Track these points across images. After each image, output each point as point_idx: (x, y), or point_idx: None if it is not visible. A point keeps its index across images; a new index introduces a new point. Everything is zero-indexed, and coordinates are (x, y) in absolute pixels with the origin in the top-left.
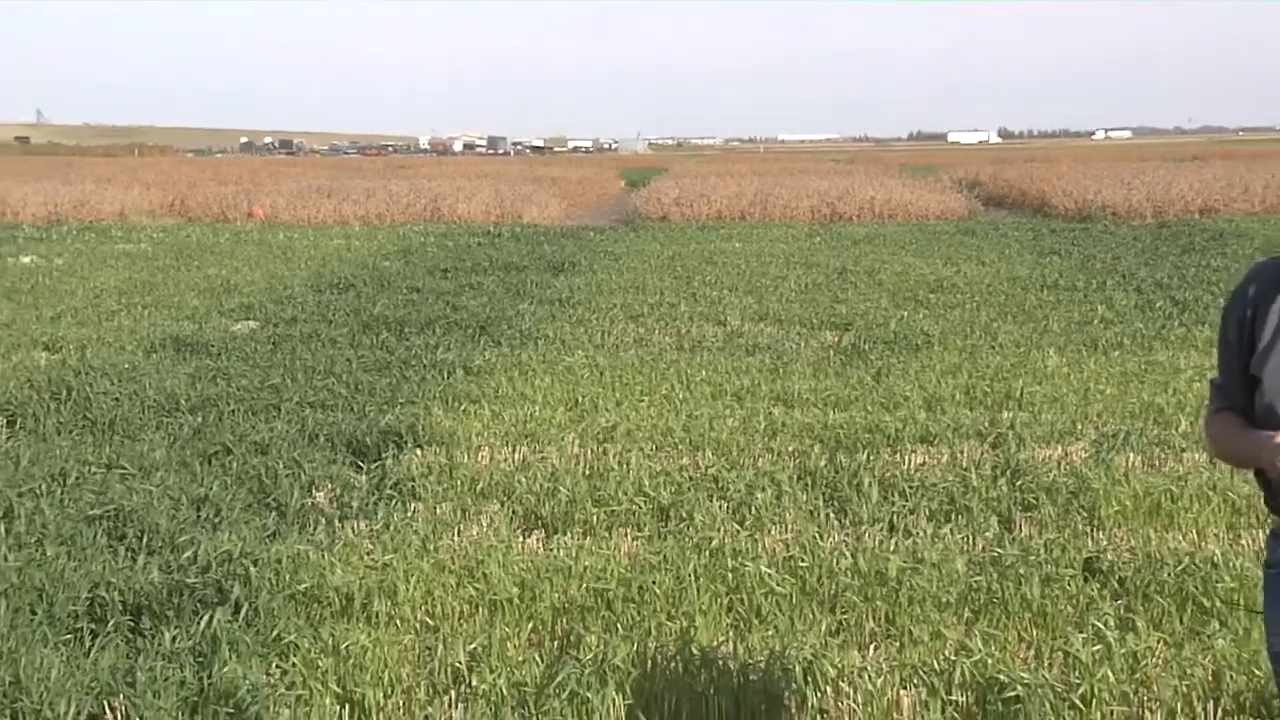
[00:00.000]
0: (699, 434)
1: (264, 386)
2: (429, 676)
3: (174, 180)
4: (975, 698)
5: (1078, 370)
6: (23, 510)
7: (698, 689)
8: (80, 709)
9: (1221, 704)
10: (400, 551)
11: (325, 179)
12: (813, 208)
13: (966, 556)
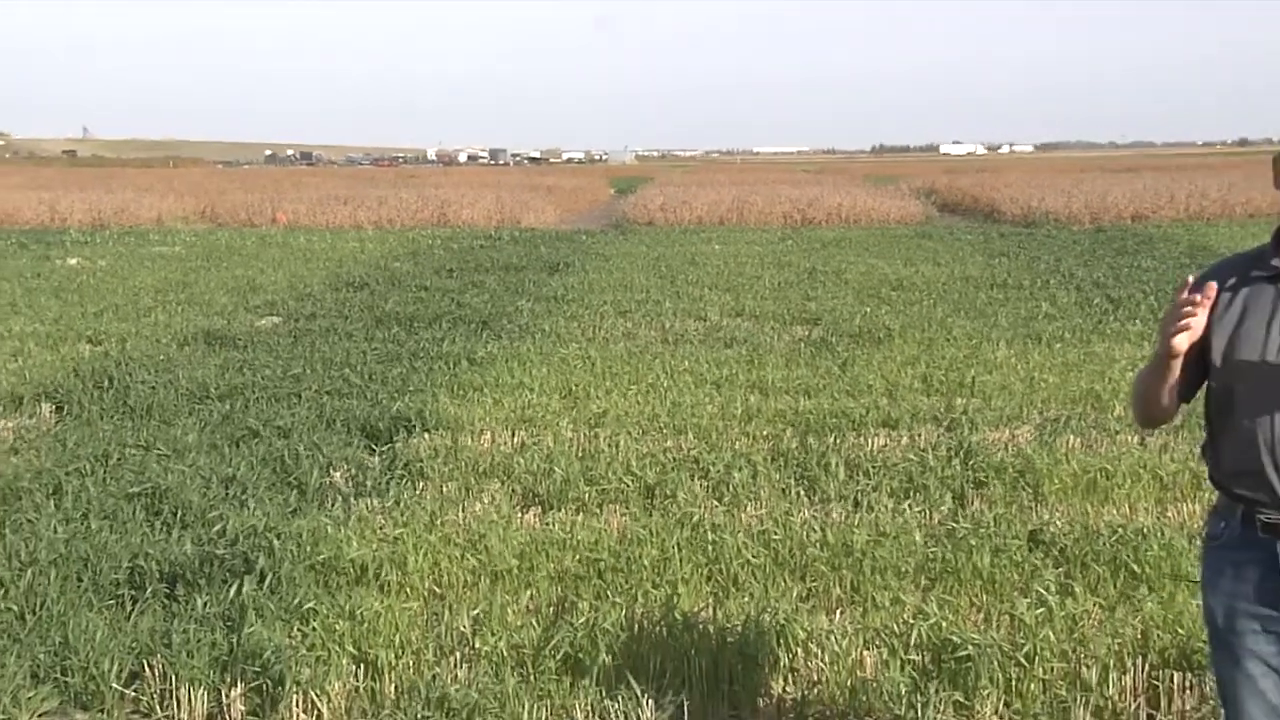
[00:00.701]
0: (682, 419)
1: (286, 376)
2: (436, 639)
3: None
4: (931, 657)
5: (1024, 361)
6: (70, 488)
7: (680, 650)
8: (122, 667)
9: (1149, 659)
10: (409, 526)
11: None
12: (785, 214)
13: (924, 530)
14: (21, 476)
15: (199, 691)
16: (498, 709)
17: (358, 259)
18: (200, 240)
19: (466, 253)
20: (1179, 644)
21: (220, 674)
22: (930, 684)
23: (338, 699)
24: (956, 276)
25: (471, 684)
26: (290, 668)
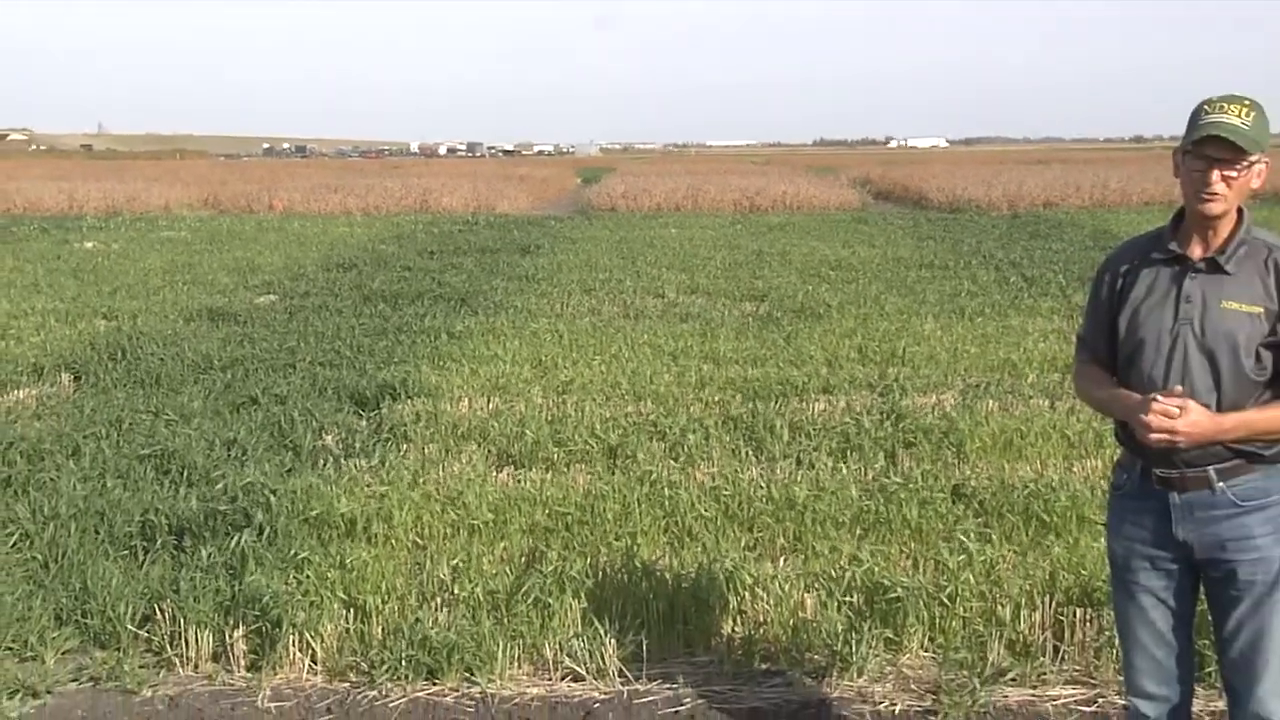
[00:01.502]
0: (641, 387)
1: (282, 349)
2: (419, 586)
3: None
4: (864, 599)
5: (949, 333)
6: (87, 449)
7: (639, 595)
8: (136, 611)
9: (1056, 597)
10: (394, 484)
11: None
12: (735, 201)
13: (859, 485)
14: (44, 439)
15: (205, 633)
16: (474, 648)
17: (347, 242)
18: (204, 225)
19: (446, 236)
20: (1082, 583)
21: (224, 617)
22: (864, 623)
23: (330, 640)
24: (889, 258)
25: (451, 626)
26: (287, 612)
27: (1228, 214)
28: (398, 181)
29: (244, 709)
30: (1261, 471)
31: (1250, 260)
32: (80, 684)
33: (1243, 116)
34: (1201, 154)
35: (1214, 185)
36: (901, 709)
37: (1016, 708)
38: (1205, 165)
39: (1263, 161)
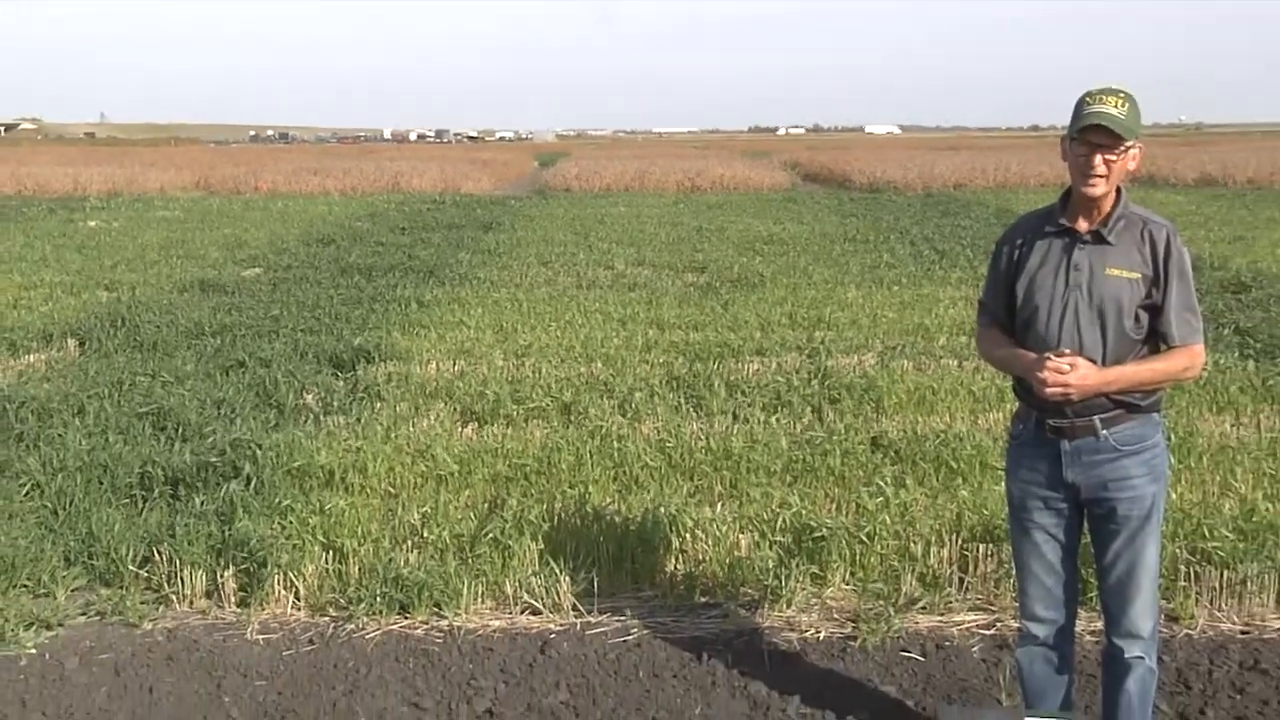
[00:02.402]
0: (593, 350)
1: (267, 317)
2: (392, 530)
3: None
4: (793, 538)
5: (869, 301)
6: (91, 408)
7: (591, 537)
8: (136, 553)
9: (961, 535)
10: (369, 438)
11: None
12: (678, 182)
13: (789, 437)
14: (52, 399)
15: (198, 573)
16: (442, 586)
17: (326, 220)
18: (196, 205)
19: (416, 215)
20: (984, 522)
21: (215, 558)
22: (792, 560)
23: (311, 579)
24: (816, 233)
25: (421, 566)
26: (272, 554)
27: (1109, 193)
28: (372, 165)
29: (234, 641)
30: (1139, 420)
31: (1129, 232)
32: (88, 618)
33: (1119, 107)
34: (1085, 141)
35: (1097, 168)
36: (825, 635)
37: (926, 633)
38: (1089, 150)
39: (1137, 146)
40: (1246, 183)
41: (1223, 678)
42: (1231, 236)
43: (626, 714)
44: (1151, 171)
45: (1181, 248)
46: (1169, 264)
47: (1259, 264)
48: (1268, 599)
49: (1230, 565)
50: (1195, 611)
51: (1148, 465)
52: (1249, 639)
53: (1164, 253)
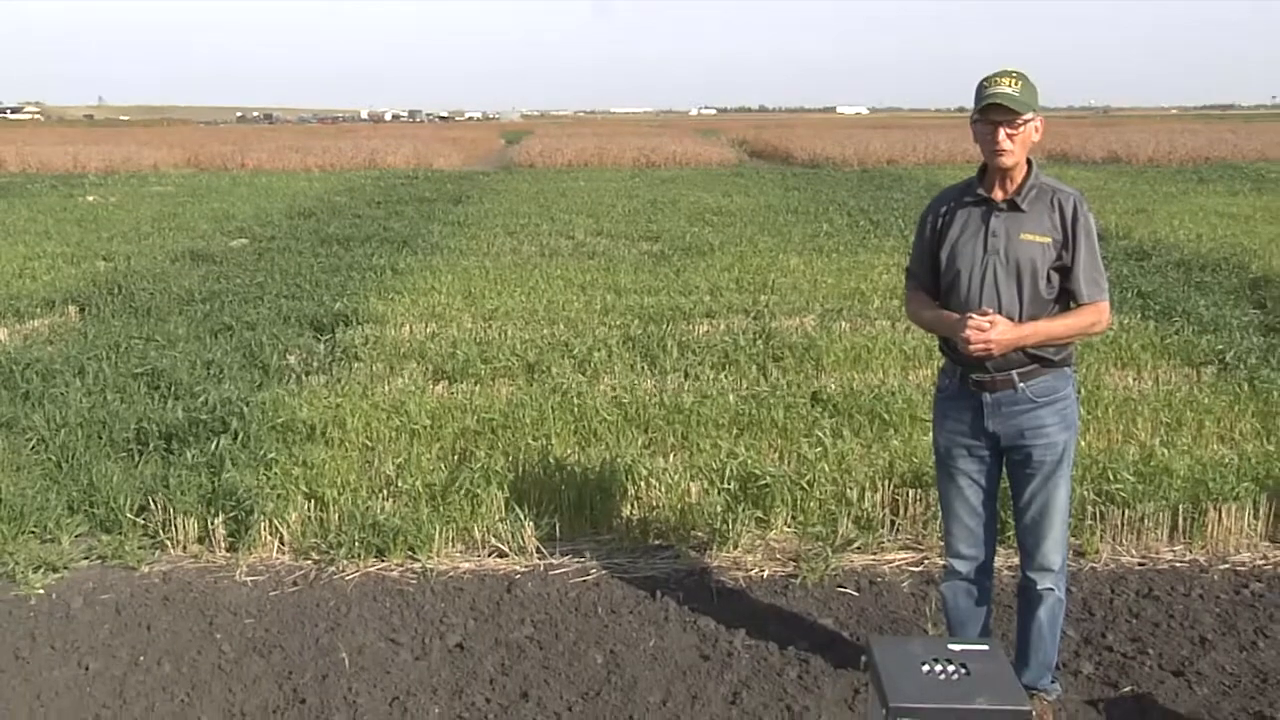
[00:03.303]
0: (555, 313)
1: (252, 284)
2: (369, 480)
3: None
4: (739, 486)
5: (810, 267)
6: (90, 369)
7: (553, 486)
8: (134, 502)
9: (893, 481)
10: (347, 396)
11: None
12: (634, 158)
13: (735, 393)
14: (55, 361)
15: (191, 520)
16: (416, 531)
17: (307, 194)
18: (187, 181)
19: (390, 189)
20: (914, 469)
21: (206, 507)
22: (739, 505)
23: (295, 525)
24: (761, 205)
25: (396, 513)
26: (258, 503)
27: (1019, 164)
28: (349, 143)
29: (225, 582)
30: (1052, 374)
31: (1040, 201)
32: (90, 561)
33: (1013, 85)
34: (988, 119)
35: (1002, 142)
36: (769, 574)
37: (861, 570)
38: (992, 128)
39: (1036, 119)
40: (1148, 161)
41: (1121, 605)
42: (1134, 209)
43: (586, 647)
44: (1065, 150)
45: (1088, 214)
46: (1077, 229)
47: (1158, 234)
48: (1162, 534)
49: (1130, 505)
50: (1099, 547)
51: (1060, 415)
52: (1145, 570)
53: (1072, 218)
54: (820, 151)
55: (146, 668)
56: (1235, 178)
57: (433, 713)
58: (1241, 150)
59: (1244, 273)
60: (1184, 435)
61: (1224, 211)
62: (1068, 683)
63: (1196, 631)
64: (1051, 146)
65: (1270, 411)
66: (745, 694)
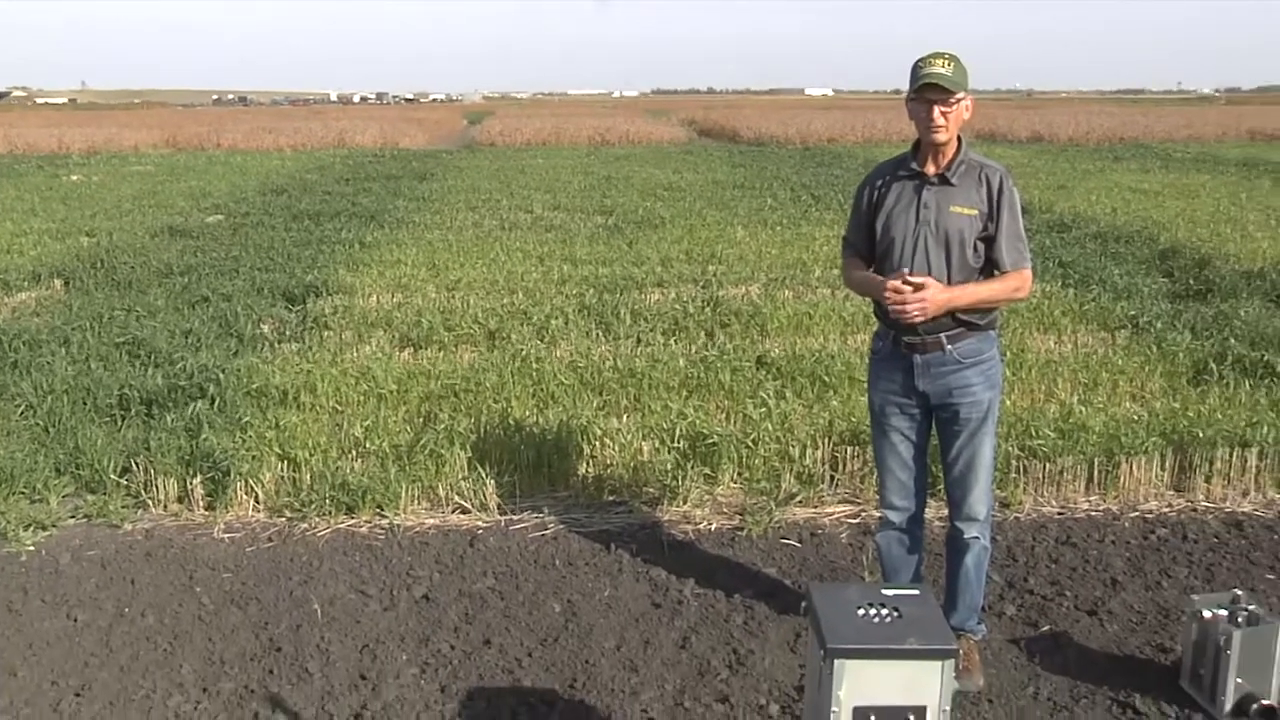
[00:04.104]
0: (515, 283)
1: (228, 258)
2: (339, 442)
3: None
4: (688, 445)
5: (755, 239)
6: (75, 339)
7: (513, 446)
8: (117, 464)
9: (832, 439)
10: (318, 362)
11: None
12: (589, 137)
13: (685, 357)
14: (41, 331)
15: (171, 481)
16: (383, 490)
17: (279, 172)
18: (165, 161)
19: (359, 167)
20: (852, 428)
21: (185, 468)
22: (688, 463)
23: (269, 485)
24: (709, 181)
25: (364, 473)
26: (234, 464)
27: (951, 141)
28: (320, 124)
29: (203, 539)
30: (978, 337)
31: (969, 176)
32: (77, 520)
33: (946, 66)
34: (923, 98)
35: (937, 119)
36: (716, 527)
37: (802, 523)
38: (927, 106)
39: (967, 99)
40: (1068, 141)
41: (1042, 551)
42: (1056, 185)
43: (545, 597)
44: (992, 130)
45: (1012, 188)
46: (1001, 201)
47: (1077, 208)
48: (1079, 486)
49: (1051, 459)
50: (1023, 498)
51: (984, 375)
52: (1063, 519)
53: (997, 192)
54: (765, 131)
55: (131, 619)
56: (1146, 156)
57: (400, 660)
58: (1151, 131)
59: (1154, 244)
60: (1100, 394)
61: (1136, 188)
62: (992, 623)
63: (1108, 574)
64: (979, 126)
65: (1176, 372)
66: (694, 639)
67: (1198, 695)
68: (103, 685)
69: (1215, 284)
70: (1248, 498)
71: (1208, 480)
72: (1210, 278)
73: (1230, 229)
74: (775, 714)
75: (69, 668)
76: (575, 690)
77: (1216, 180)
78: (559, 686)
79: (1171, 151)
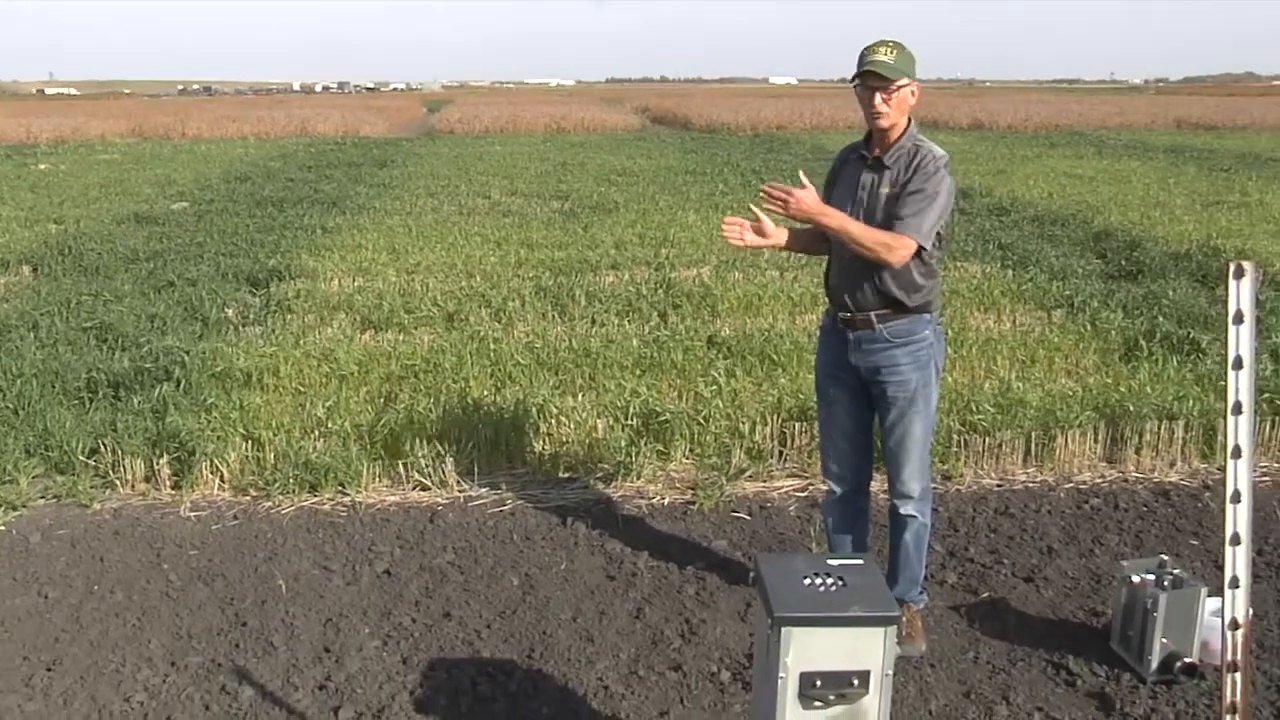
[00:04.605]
0: (473, 267)
1: (193, 243)
2: (302, 422)
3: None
4: (642, 422)
5: (706, 222)
6: (43, 324)
7: (472, 424)
8: (85, 445)
9: (781, 415)
10: (281, 345)
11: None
12: (545, 125)
13: (639, 337)
14: (10, 317)
15: (137, 461)
16: (345, 468)
17: (243, 160)
18: (131, 150)
19: (321, 154)
20: (800, 405)
21: (152, 449)
22: (641, 440)
23: (234, 464)
24: (662, 167)
25: (327, 451)
26: (200, 444)
27: (895, 125)
28: (283, 112)
29: (170, 518)
30: (909, 318)
31: (903, 159)
32: (46, 500)
33: (889, 54)
34: (866, 85)
35: (878, 105)
36: (669, 501)
37: (752, 497)
38: (869, 92)
39: (912, 86)
40: (1007, 128)
41: (982, 522)
42: (995, 171)
43: (503, 571)
44: (934, 117)
45: (940, 172)
46: (917, 175)
47: (1015, 193)
48: (1017, 458)
49: (990, 433)
50: (964, 471)
51: (913, 356)
52: (1002, 490)
53: (918, 168)
54: (716, 118)
55: (100, 596)
56: (1080, 143)
57: (363, 633)
58: (1086, 119)
59: (1088, 227)
60: (1037, 371)
61: (1071, 173)
62: (935, 591)
63: (1044, 543)
64: (922, 114)
65: (1109, 349)
66: (648, 609)
67: (1126, 655)
68: (73, 660)
69: (1145, 265)
70: (1174, 468)
71: (1138, 452)
72: (1140, 259)
73: (1159, 213)
74: (726, 681)
75: (40, 643)
76: (533, 660)
77: (1146, 166)
78: (517, 657)
79: (1104, 139)
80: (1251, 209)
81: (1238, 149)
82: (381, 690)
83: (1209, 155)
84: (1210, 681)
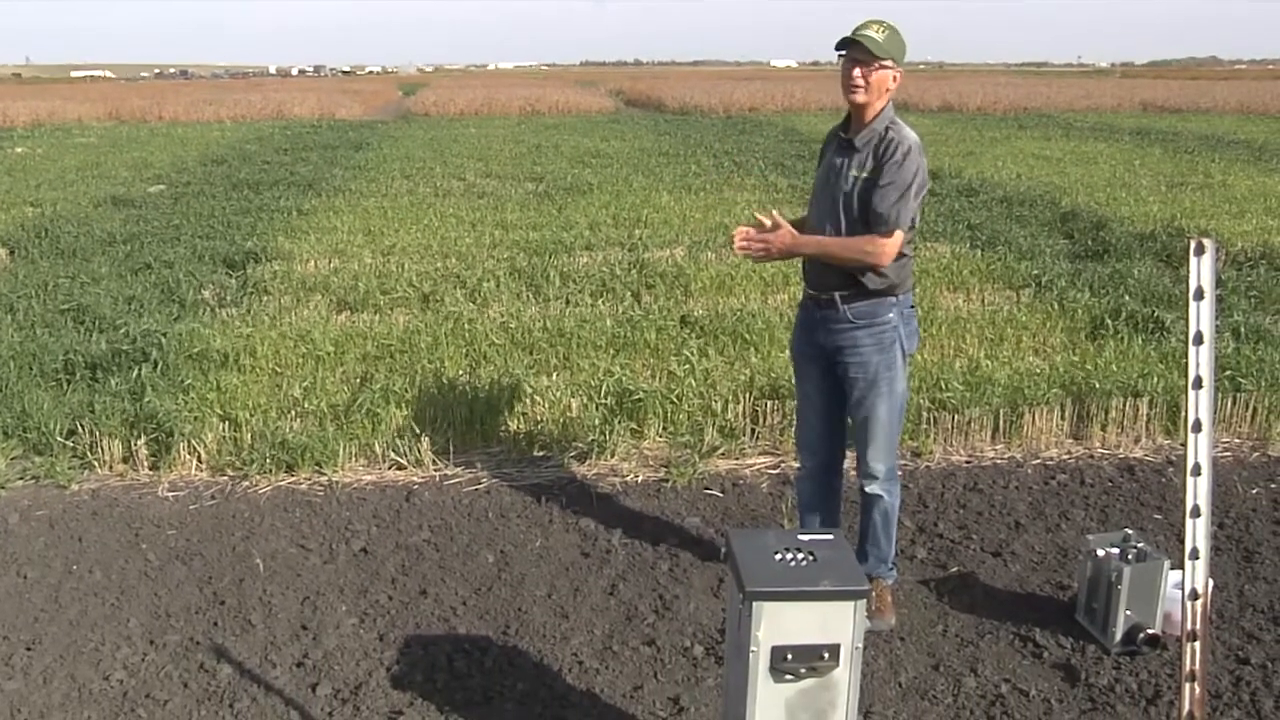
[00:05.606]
0: (448, 248)
1: (169, 226)
2: (278, 402)
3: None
4: (616, 400)
5: (679, 204)
6: (21, 306)
7: (447, 404)
8: (63, 426)
9: (753, 394)
10: (257, 326)
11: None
12: (520, 107)
13: (612, 317)
14: None
15: (116, 442)
16: (322, 448)
17: (220, 143)
18: (108, 133)
19: (297, 137)
20: (772, 383)
21: (130, 430)
22: (615, 418)
23: (211, 445)
24: (636, 149)
25: (303, 431)
26: (177, 425)
27: (870, 106)
28: (259, 96)
29: (148, 498)
30: (873, 301)
31: (874, 141)
32: (25, 481)
33: (879, 32)
34: (848, 56)
35: (856, 79)
36: (643, 479)
37: (724, 474)
38: (849, 65)
39: (896, 70)
40: (976, 110)
41: (951, 497)
42: (964, 152)
43: (479, 548)
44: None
45: (909, 158)
46: (886, 164)
47: (985, 174)
48: (986, 435)
49: (959, 410)
50: (933, 447)
51: (876, 338)
52: (971, 467)
53: (888, 156)
54: (689, 100)
55: (79, 575)
56: (1048, 125)
57: (340, 610)
58: (1054, 102)
59: (1055, 208)
60: (1005, 349)
61: (1039, 154)
62: (904, 566)
63: (1012, 518)
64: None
65: (1075, 328)
66: (622, 586)
67: (1091, 627)
68: (53, 639)
69: (1111, 245)
70: (1139, 444)
71: (1103, 429)
72: (1107, 239)
73: (1125, 194)
74: (699, 655)
75: (20, 623)
76: (509, 636)
77: (1112, 148)
78: (493, 633)
79: (1072, 121)
80: (1214, 190)
81: (1201, 131)
82: (359, 667)
83: (1174, 137)
84: (1172, 652)
